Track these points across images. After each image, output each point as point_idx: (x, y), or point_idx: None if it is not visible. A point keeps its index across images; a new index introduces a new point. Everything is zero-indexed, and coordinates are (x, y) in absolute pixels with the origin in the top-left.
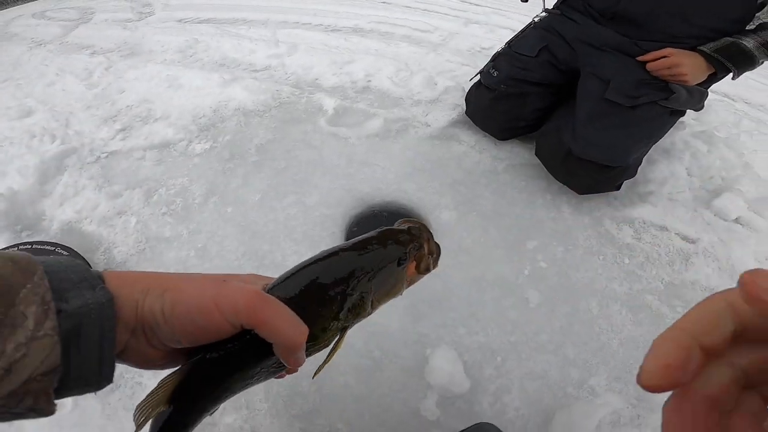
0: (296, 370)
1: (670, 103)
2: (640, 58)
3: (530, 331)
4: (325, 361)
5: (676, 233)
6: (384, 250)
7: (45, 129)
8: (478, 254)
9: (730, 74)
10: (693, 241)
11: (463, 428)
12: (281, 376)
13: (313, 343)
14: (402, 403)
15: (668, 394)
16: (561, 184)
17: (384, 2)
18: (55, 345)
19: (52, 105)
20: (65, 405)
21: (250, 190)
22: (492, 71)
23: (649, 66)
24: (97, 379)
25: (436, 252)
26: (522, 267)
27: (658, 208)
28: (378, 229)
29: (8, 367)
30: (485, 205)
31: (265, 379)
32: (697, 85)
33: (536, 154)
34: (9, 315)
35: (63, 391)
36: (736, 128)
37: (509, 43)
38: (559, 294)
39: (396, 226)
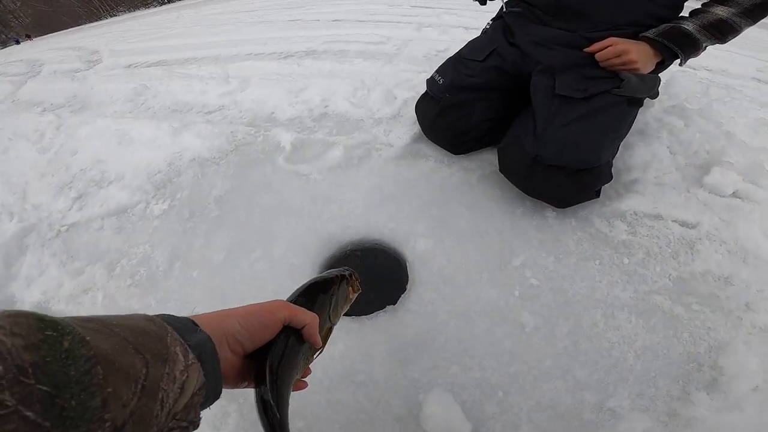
0: (315, 353)
1: (622, 90)
2: (586, 50)
3: (531, 358)
4: (320, 350)
5: (673, 220)
6: (338, 277)
7: (3, 206)
8: (461, 282)
9: (678, 60)
10: (693, 226)
11: None
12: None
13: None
14: None
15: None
16: None
17: (335, 20)
18: (200, 369)
19: (8, 176)
20: None
21: (214, 248)
22: (437, 77)
23: (598, 56)
24: (214, 393)
25: (359, 280)
26: (511, 288)
27: (647, 197)
28: (329, 270)
29: (181, 386)
30: (462, 224)
31: (303, 368)
32: None
33: (500, 171)
34: (169, 353)
35: None
36: (706, 97)
37: (459, 52)
38: (557, 312)
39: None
